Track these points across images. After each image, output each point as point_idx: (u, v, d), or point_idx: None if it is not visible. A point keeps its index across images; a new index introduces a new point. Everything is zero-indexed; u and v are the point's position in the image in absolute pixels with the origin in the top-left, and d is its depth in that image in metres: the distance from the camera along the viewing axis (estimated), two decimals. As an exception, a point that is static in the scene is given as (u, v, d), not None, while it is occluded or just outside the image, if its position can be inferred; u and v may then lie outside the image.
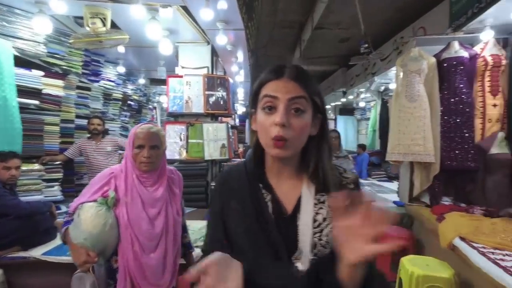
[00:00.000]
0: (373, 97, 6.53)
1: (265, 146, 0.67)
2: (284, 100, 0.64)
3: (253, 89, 0.72)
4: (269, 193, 0.70)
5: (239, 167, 0.76)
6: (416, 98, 2.77)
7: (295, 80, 0.65)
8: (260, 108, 0.67)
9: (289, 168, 0.71)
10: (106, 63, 3.72)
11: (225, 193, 0.73)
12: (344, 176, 0.73)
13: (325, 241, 0.67)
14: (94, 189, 1.29)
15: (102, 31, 2.46)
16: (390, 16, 3.98)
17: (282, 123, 0.62)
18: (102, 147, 3.11)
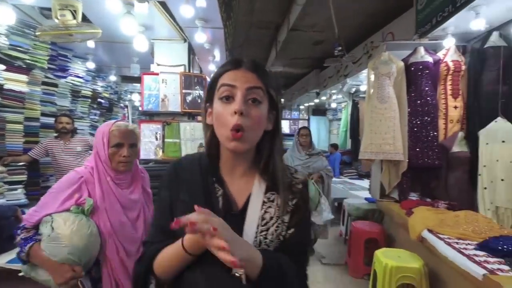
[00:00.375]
0: (344, 98, 6.80)
1: (223, 140, 0.65)
2: (242, 89, 0.63)
3: (209, 82, 0.71)
4: (221, 188, 0.69)
5: (193, 159, 0.74)
6: (386, 100, 2.93)
7: (253, 71, 0.66)
8: (217, 98, 0.65)
9: (243, 164, 0.70)
10: (75, 58, 3.51)
11: (175, 183, 0.70)
12: (294, 177, 0.74)
13: (270, 240, 0.68)
14: (63, 198, 1.16)
15: (72, 24, 2.32)
16: (362, 21, 4.17)
17: (241, 110, 0.61)
18: (71, 147, 2.94)
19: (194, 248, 0.60)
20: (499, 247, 1.55)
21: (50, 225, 1.11)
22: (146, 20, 2.69)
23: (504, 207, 2.35)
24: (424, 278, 1.85)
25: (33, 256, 1.12)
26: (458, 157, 2.69)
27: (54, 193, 1.19)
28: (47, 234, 1.11)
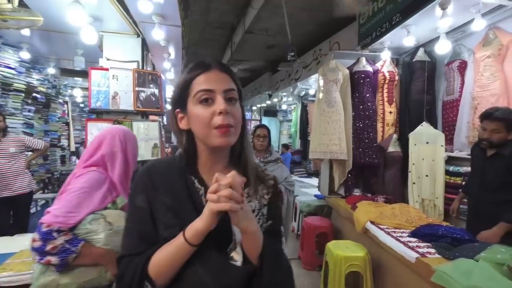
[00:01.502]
0: (294, 100, 7.15)
1: (206, 138, 0.66)
2: (220, 91, 0.65)
3: (178, 87, 0.70)
4: (202, 187, 0.70)
5: (168, 162, 0.74)
6: (333, 104, 3.20)
7: (225, 72, 0.68)
8: (195, 103, 0.66)
9: (221, 162, 0.73)
10: (5, 46, 3.09)
11: (152, 185, 0.68)
12: (265, 173, 0.80)
13: None
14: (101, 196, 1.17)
15: (6, 8, 2.08)
16: (312, 29, 4.46)
17: (226, 110, 0.64)
18: (2, 148, 2.60)
19: (197, 237, 0.60)
20: (427, 234, 1.83)
21: (104, 221, 1.13)
22: (95, 11, 2.50)
23: (428, 199, 2.77)
24: (368, 265, 2.09)
25: (86, 254, 1.07)
26: (392, 157, 3.07)
27: (87, 192, 1.14)
28: (105, 229, 1.12)
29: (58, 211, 1.08)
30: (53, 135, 4.69)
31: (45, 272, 1.07)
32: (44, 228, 1.04)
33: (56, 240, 1.04)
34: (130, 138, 1.32)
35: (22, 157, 2.75)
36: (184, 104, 0.68)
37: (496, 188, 1.84)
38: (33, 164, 3.78)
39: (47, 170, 4.44)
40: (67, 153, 5.44)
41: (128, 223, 0.70)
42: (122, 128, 1.36)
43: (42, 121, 4.23)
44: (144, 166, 0.73)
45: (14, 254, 1.82)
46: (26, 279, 1.59)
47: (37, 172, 4.03)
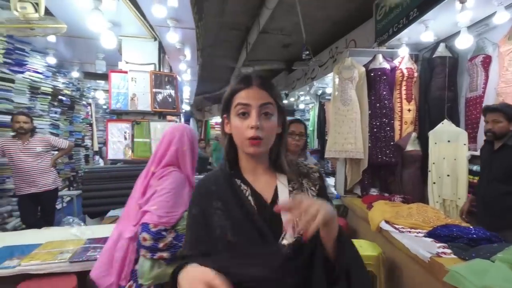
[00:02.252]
0: (311, 99, 7.08)
1: (241, 146, 0.75)
2: (255, 107, 0.73)
3: (225, 97, 0.80)
4: (248, 188, 0.77)
5: (215, 172, 0.83)
6: (349, 102, 3.14)
7: (263, 89, 0.76)
8: (234, 114, 0.75)
9: (262, 165, 0.80)
10: (33, 52, 3.29)
11: (205, 196, 0.78)
12: (309, 167, 0.85)
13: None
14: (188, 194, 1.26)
15: (33, 17, 2.21)
16: (327, 28, 4.41)
17: (256, 126, 0.72)
18: (30, 147, 2.76)
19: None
20: (444, 234, 1.77)
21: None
22: (114, 16, 2.62)
23: (449, 199, 2.67)
24: (381, 264, 2.04)
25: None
26: (411, 155, 2.98)
27: (177, 192, 1.24)
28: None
29: (160, 212, 1.18)
30: (78, 135, 4.93)
31: (155, 265, 1.19)
32: (153, 229, 1.15)
33: (166, 238, 1.17)
34: (194, 136, 1.39)
35: (48, 156, 2.92)
36: (229, 112, 0.78)
37: (503, 180, 1.90)
38: (59, 163, 4.00)
39: (72, 168, 4.68)
40: (90, 152, 5.70)
41: (187, 229, 0.81)
42: (187, 126, 1.41)
43: (67, 122, 4.47)
44: (200, 179, 0.85)
45: (40, 245, 1.95)
46: (51, 267, 1.70)
47: (62, 171, 4.26)
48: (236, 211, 0.74)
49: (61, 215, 4.13)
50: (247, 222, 0.72)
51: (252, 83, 0.75)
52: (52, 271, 1.70)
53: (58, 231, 2.21)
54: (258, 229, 0.71)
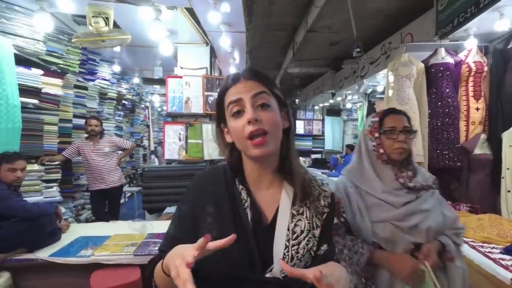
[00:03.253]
0: (360, 99, 6.76)
1: (245, 149, 0.65)
2: (248, 99, 0.64)
3: (216, 104, 0.70)
4: (248, 198, 0.68)
5: (217, 170, 0.73)
6: (406, 102, 2.93)
7: (252, 79, 0.66)
8: (229, 116, 0.66)
9: (268, 173, 0.69)
10: (102, 62, 3.68)
11: (200, 196, 0.69)
12: (322, 189, 0.73)
13: (301, 255, 0.66)
14: None
15: (104, 30, 2.46)
16: (380, 22, 4.17)
17: (253, 118, 0.61)
18: (100, 148, 3.09)
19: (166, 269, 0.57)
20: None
21: None
22: (171, 25, 2.80)
23: (528, 210, 2.33)
24: (447, 280, 1.87)
25: None
26: (479, 160, 2.67)
27: None
28: None
29: None
30: (137, 136, 5.38)
31: None
32: None
33: None
34: None
35: (115, 155, 3.23)
36: (224, 118, 0.68)
37: None
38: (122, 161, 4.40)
39: (132, 166, 5.12)
40: (147, 152, 6.17)
41: (171, 223, 0.73)
42: None
43: (129, 124, 4.90)
44: (192, 179, 0.74)
45: (109, 238, 2.16)
46: (118, 259, 1.88)
47: (125, 168, 4.68)
48: (229, 224, 0.65)
49: (124, 209, 4.54)
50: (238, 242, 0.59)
51: (239, 77, 0.67)
52: (119, 262, 1.87)
53: (123, 224, 2.43)
54: (248, 253, 0.63)
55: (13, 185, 1.95)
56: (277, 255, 0.64)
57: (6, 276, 1.82)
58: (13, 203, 1.86)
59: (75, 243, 2.07)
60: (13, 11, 2.35)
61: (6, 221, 1.85)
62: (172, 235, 0.70)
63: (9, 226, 1.85)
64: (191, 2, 2.23)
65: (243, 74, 0.67)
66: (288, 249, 0.65)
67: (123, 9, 2.44)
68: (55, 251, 1.95)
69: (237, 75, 0.68)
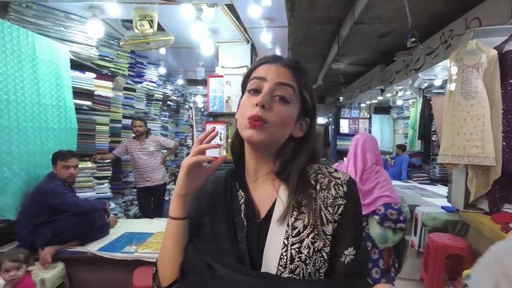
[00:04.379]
0: (413, 94, 6.18)
1: (241, 129, 0.59)
2: (270, 83, 0.58)
3: (245, 75, 0.66)
4: (244, 194, 0.63)
5: (222, 170, 0.70)
6: (473, 95, 2.55)
7: (287, 67, 0.60)
8: (246, 91, 0.61)
9: (266, 165, 0.63)
10: (149, 64, 3.85)
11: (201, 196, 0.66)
12: (334, 176, 0.61)
13: (305, 256, 0.55)
14: None
15: (149, 32, 2.53)
16: (438, 7, 3.73)
17: (262, 102, 0.55)
18: (145, 147, 3.22)
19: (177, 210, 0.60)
20: None
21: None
22: (212, 24, 2.79)
23: None
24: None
25: None
26: None
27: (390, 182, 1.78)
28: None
29: (394, 195, 1.69)
30: (181, 136, 5.57)
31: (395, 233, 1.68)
32: (395, 206, 1.66)
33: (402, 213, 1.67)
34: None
35: (159, 154, 3.34)
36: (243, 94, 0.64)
37: None
38: (167, 160, 4.57)
39: (177, 165, 5.30)
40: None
41: None
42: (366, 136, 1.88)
43: (174, 124, 5.08)
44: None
45: (152, 235, 2.20)
46: (160, 257, 1.90)
47: (170, 167, 4.86)
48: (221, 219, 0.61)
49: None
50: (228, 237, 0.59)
51: (277, 59, 0.61)
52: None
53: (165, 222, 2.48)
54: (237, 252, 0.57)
55: (67, 181, 2.08)
56: (272, 254, 0.55)
57: (61, 267, 1.95)
58: (66, 199, 1.98)
59: (121, 239, 2.16)
60: (70, 20, 2.52)
61: (61, 215, 1.99)
62: None
63: (64, 220, 1.98)
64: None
65: (283, 59, 0.62)
66: (286, 248, 0.55)
67: (166, 11, 2.49)
68: (103, 246, 2.04)
69: (277, 56, 0.63)
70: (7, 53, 1.91)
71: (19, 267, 1.58)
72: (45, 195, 1.95)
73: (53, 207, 1.95)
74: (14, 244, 2.00)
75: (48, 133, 2.22)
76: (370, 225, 1.71)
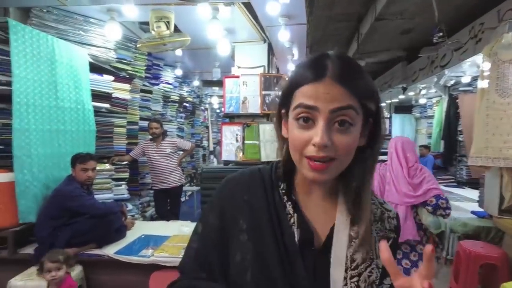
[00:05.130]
0: (438, 92, 5.90)
1: (298, 164, 0.51)
2: (325, 112, 0.47)
3: (284, 88, 0.54)
4: (295, 214, 0.54)
5: (253, 175, 0.58)
6: (510, 93, 2.36)
7: (341, 83, 0.47)
8: (294, 117, 0.50)
9: (321, 189, 0.55)
10: (165, 66, 3.86)
11: (231, 206, 0.55)
12: (385, 208, 0.59)
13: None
14: None
15: (166, 34, 2.52)
16: (466, 1, 3.51)
17: (323, 144, 0.46)
18: (162, 149, 3.21)
19: None
20: None
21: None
22: (228, 23, 2.74)
23: None
24: None
25: None
26: None
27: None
28: None
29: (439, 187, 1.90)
30: (197, 137, 5.59)
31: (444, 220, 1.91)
32: (443, 196, 1.88)
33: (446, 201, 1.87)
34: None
35: (175, 156, 3.33)
36: (288, 108, 0.52)
37: None
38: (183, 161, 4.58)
39: (193, 166, 5.31)
40: (207, 152, 6.37)
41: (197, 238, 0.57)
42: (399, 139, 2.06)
43: (190, 125, 5.10)
44: (221, 184, 0.60)
45: (169, 238, 2.17)
46: (176, 261, 1.85)
47: (186, 168, 4.87)
48: (269, 245, 0.52)
49: (185, 208, 4.73)
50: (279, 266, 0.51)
51: (325, 73, 0.47)
52: (176, 264, 1.85)
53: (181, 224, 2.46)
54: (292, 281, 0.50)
55: (86, 184, 2.09)
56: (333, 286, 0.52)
57: (79, 269, 1.95)
58: (84, 201, 1.99)
59: (138, 242, 2.14)
60: (89, 23, 2.55)
61: (79, 217, 1.99)
62: (197, 250, 0.56)
63: (82, 222, 1.99)
64: (249, -4, 2.11)
65: (332, 71, 0.47)
66: (346, 282, 0.52)
67: (183, 12, 2.47)
68: (120, 249, 2.02)
69: (323, 67, 0.48)
70: (27, 57, 1.94)
71: (59, 268, 1.64)
72: (64, 197, 1.96)
73: (71, 209, 1.96)
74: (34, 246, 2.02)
75: (66, 136, 2.24)
76: (421, 215, 1.92)
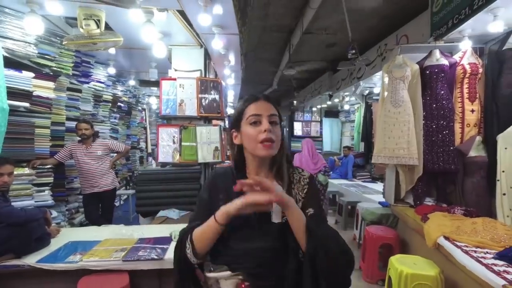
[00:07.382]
0: (357, 100, 6.74)
1: (254, 150, 0.88)
2: (266, 116, 0.88)
3: (235, 114, 0.94)
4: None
5: (227, 170, 0.98)
6: (400, 104, 2.91)
7: (268, 101, 0.92)
8: (247, 124, 0.89)
9: (264, 169, 0.93)
10: (97, 64, 3.66)
11: (214, 189, 0.94)
12: (301, 174, 0.97)
13: None
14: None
15: (96, 33, 2.45)
16: (375, 23, 4.15)
17: (269, 129, 0.86)
18: (92, 151, 3.06)
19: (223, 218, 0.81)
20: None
21: None
22: (164, 27, 2.78)
23: (523, 213, 2.30)
24: (440, 286, 1.84)
25: None
26: (475, 162, 2.65)
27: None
28: None
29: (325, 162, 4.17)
30: (134, 138, 5.36)
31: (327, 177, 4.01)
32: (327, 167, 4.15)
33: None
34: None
35: (108, 159, 3.20)
36: (238, 126, 0.92)
37: None
38: (118, 164, 4.37)
39: (129, 169, 5.09)
40: (144, 154, 6.14)
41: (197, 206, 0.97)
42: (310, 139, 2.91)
43: (125, 126, 4.88)
44: (212, 173, 1.06)
45: (99, 242, 2.13)
46: (107, 265, 1.85)
47: (121, 171, 4.66)
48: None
49: (119, 212, 4.51)
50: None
51: (259, 98, 0.92)
52: (108, 268, 1.84)
53: (114, 229, 2.40)
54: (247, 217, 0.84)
55: (1, 190, 1.92)
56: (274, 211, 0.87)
57: (-7, 282, 1.79)
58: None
59: (64, 249, 2.04)
60: (3, 14, 2.33)
61: (-8, 226, 1.83)
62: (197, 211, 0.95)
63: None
64: (182, 4, 2.21)
65: (262, 97, 0.92)
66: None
67: (115, 11, 2.42)
68: (43, 257, 1.91)
69: (256, 96, 0.92)
70: None
71: None
72: (-26, 205, 1.78)
73: (-17, 218, 1.79)
74: None
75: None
76: (318, 177, 3.87)
